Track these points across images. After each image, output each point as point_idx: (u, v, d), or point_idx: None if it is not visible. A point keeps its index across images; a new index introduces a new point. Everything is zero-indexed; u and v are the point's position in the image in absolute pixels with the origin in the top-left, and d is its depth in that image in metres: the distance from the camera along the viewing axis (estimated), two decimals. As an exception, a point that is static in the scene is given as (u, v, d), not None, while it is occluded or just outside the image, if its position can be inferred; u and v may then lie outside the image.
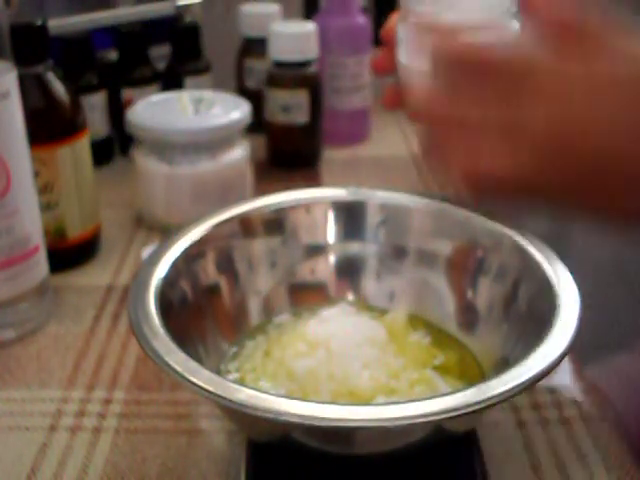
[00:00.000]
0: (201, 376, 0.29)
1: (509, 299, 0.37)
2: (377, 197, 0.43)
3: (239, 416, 0.32)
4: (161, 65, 0.72)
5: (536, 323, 0.33)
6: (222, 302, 0.39)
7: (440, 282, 0.41)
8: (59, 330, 0.46)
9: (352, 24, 0.71)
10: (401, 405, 0.27)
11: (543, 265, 0.36)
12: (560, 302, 0.33)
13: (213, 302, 0.39)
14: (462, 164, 0.32)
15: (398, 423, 0.26)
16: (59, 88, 0.49)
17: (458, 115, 0.32)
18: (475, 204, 0.40)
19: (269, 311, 0.41)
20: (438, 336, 0.39)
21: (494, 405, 0.27)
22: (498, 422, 0.38)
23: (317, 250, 0.43)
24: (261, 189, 0.60)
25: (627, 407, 0.59)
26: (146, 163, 0.56)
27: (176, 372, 0.29)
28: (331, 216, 0.43)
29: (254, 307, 0.41)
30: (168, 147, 0.55)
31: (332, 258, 0.43)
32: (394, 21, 0.39)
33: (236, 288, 0.40)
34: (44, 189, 0.49)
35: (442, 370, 0.36)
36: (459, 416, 0.27)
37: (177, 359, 0.30)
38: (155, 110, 0.57)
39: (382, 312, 0.40)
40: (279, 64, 0.66)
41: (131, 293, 0.34)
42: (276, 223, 0.42)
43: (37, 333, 0.46)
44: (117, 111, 0.68)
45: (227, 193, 0.56)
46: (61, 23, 0.65)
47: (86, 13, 0.69)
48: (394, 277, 0.42)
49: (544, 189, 0.31)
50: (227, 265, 0.40)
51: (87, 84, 0.66)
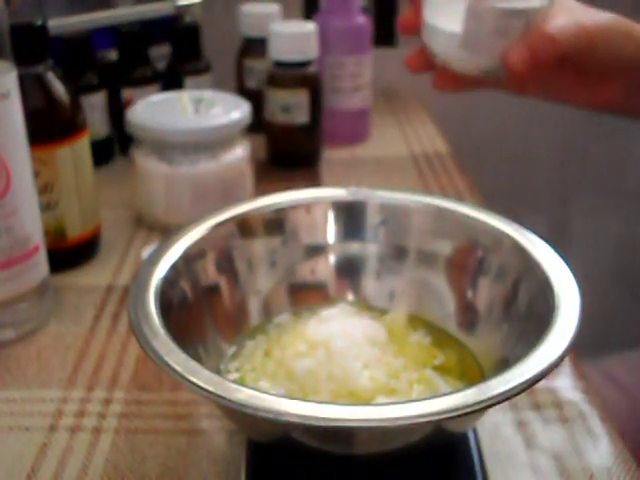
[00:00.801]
0: (201, 376, 0.29)
1: (509, 299, 0.37)
2: (377, 197, 0.43)
3: (239, 416, 0.32)
4: (161, 65, 0.72)
5: (536, 323, 0.33)
6: (222, 302, 0.39)
7: (440, 282, 0.41)
8: (59, 330, 0.46)
9: (352, 24, 0.71)
10: (401, 405, 0.27)
11: (543, 265, 0.35)
12: (560, 302, 0.33)
13: (213, 302, 0.39)
14: None
15: (398, 423, 0.26)
16: (59, 88, 0.49)
17: None
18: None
19: (269, 311, 0.41)
20: (438, 336, 0.39)
21: (494, 405, 0.27)
22: (498, 422, 0.38)
23: (317, 250, 0.43)
24: (261, 189, 0.60)
25: (618, 410, 0.59)
26: (146, 163, 0.56)
27: (176, 372, 0.29)
28: (331, 216, 0.43)
29: (254, 307, 0.41)
30: (168, 147, 0.55)
31: (332, 258, 0.43)
32: None
33: (236, 288, 0.40)
34: (44, 189, 0.49)
35: (442, 370, 0.36)
36: (459, 416, 0.27)
37: (177, 359, 0.30)
38: (155, 110, 0.57)
39: (382, 312, 0.40)
40: (279, 64, 0.66)
41: (131, 293, 0.34)
42: (276, 223, 0.42)
43: (37, 333, 0.46)
44: (117, 111, 0.68)
45: (227, 193, 0.56)
46: (61, 23, 0.65)
47: (86, 13, 0.69)
48: (394, 277, 0.42)
49: None
50: (227, 265, 0.40)
51: (87, 84, 0.66)
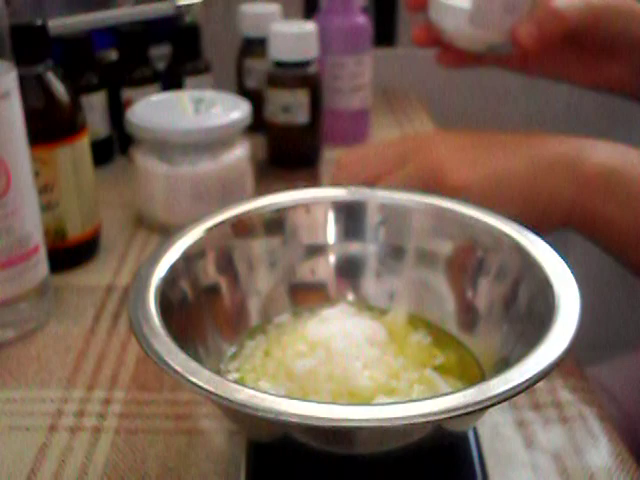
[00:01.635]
0: (201, 376, 0.29)
1: (509, 299, 0.37)
2: (377, 197, 0.43)
3: (239, 416, 0.32)
4: (161, 65, 0.72)
5: (536, 323, 0.33)
6: (222, 302, 0.39)
7: (440, 282, 0.41)
8: (59, 330, 0.46)
9: (352, 24, 0.71)
10: (401, 405, 0.27)
11: (543, 265, 0.35)
12: (560, 302, 0.33)
13: (213, 302, 0.39)
14: None
15: (398, 423, 0.26)
16: (59, 88, 0.49)
17: None
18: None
19: (269, 311, 0.41)
20: (438, 336, 0.39)
21: (494, 405, 0.27)
22: (498, 422, 0.38)
23: (317, 250, 0.43)
24: (261, 189, 0.60)
25: (635, 408, 0.59)
26: (146, 163, 0.56)
27: (176, 372, 0.29)
28: (331, 216, 0.43)
29: (254, 307, 0.41)
30: (168, 147, 0.55)
31: (332, 258, 0.43)
32: None
33: (236, 288, 0.40)
34: (44, 189, 0.49)
35: (442, 370, 0.36)
36: (459, 416, 0.27)
37: (177, 359, 0.30)
38: (155, 110, 0.57)
39: (382, 312, 0.40)
40: (279, 64, 0.66)
41: (131, 293, 0.34)
42: (276, 223, 0.42)
43: (37, 333, 0.46)
44: (117, 111, 0.68)
45: (227, 193, 0.56)
46: (61, 23, 0.65)
47: (86, 13, 0.69)
48: (394, 277, 0.42)
49: None
50: (227, 265, 0.40)
51: (87, 84, 0.66)
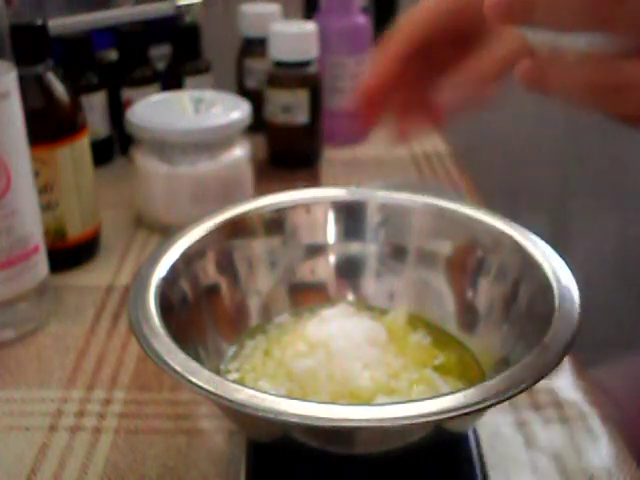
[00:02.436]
0: (201, 376, 0.29)
1: (509, 299, 0.37)
2: (377, 197, 0.43)
3: (239, 416, 0.32)
4: (161, 65, 0.72)
5: (536, 323, 0.33)
6: (222, 302, 0.39)
7: (440, 282, 0.41)
8: (59, 330, 0.46)
9: (352, 24, 0.71)
10: (401, 405, 0.27)
11: (543, 265, 0.35)
12: (560, 302, 0.33)
13: (213, 302, 0.39)
14: None
15: (398, 423, 0.26)
16: (59, 88, 0.49)
17: None
18: None
19: (269, 311, 0.41)
20: (438, 336, 0.39)
21: (494, 405, 0.27)
22: (498, 422, 0.38)
23: (317, 250, 0.43)
24: (261, 189, 0.60)
25: (635, 409, 0.59)
26: (146, 163, 0.56)
27: (176, 372, 0.29)
28: (331, 216, 0.43)
29: (254, 307, 0.41)
30: (168, 147, 0.55)
31: (332, 258, 0.43)
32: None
33: (236, 288, 0.40)
34: (44, 189, 0.49)
35: (442, 370, 0.36)
36: (459, 416, 0.27)
37: (177, 359, 0.30)
38: (155, 110, 0.57)
39: (382, 312, 0.40)
40: (279, 64, 0.66)
41: (131, 293, 0.34)
42: (276, 223, 0.42)
43: (37, 333, 0.46)
44: (117, 111, 0.68)
45: (227, 193, 0.56)
46: (61, 23, 0.65)
47: (86, 13, 0.69)
48: (394, 277, 0.42)
49: None
50: (227, 265, 0.40)
51: (87, 84, 0.66)
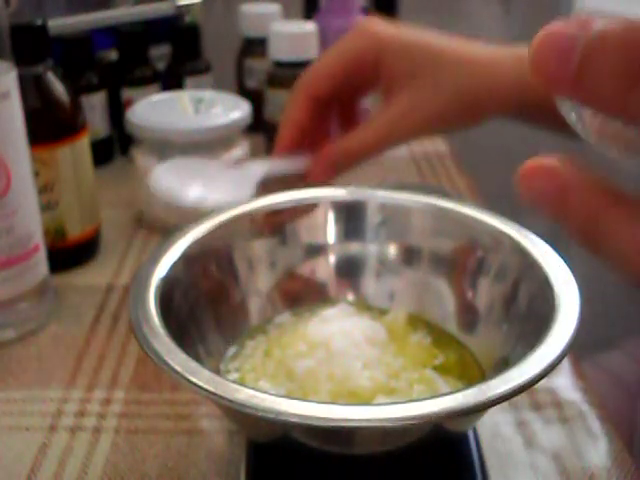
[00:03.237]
0: (201, 376, 0.29)
1: (509, 299, 0.37)
2: (377, 197, 0.43)
3: (239, 416, 0.32)
4: (161, 65, 0.72)
5: (536, 323, 0.33)
6: (222, 302, 0.39)
7: (440, 282, 0.41)
8: (59, 330, 0.46)
9: (352, 24, 0.71)
10: (401, 405, 0.27)
11: (543, 265, 0.35)
12: (560, 302, 0.33)
13: (213, 302, 0.39)
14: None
15: (398, 423, 0.26)
16: (59, 88, 0.49)
17: None
18: None
19: (269, 311, 0.41)
20: (438, 336, 0.39)
21: (494, 405, 0.27)
22: (498, 422, 0.38)
23: (317, 250, 0.43)
24: (261, 189, 0.60)
25: (617, 406, 0.59)
26: (146, 163, 0.56)
27: (176, 372, 0.29)
28: (331, 216, 0.43)
29: (254, 307, 0.41)
30: (168, 147, 0.55)
31: (332, 258, 0.43)
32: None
33: (236, 288, 0.40)
34: (44, 189, 0.49)
35: (442, 370, 0.36)
36: (459, 416, 0.27)
37: (177, 359, 0.30)
38: (155, 110, 0.57)
39: (382, 312, 0.40)
40: (279, 64, 0.66)
41: (131, 293, 0.34)
42: (276, 223, 0.42)
43: (37, 333, 0.46)
44: (117, 111, 0.68)
45: (227, 193, 0.56)
46: (61, 23, 0.65)
47: (86, 13, 0.69)
48: (394, 277, 0.42)
49: None
50: (227, 265, 0.40)
51: (87, 84, 0.66)
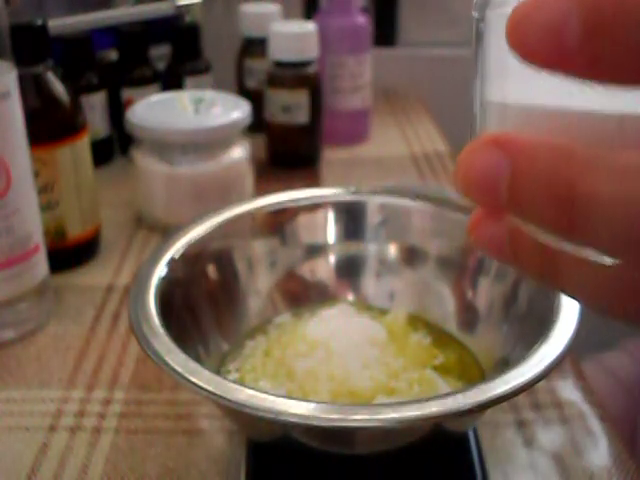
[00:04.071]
0: (201, 376, 0.29)
1: (509, 299, 0.37)
2: (377, 197, 0.43)
3: (239, 416, 0.32)
4: (161, 65, 0.72)
5: (536, 323, 0.33)
6: (222, 302, 0.39)
7: (440, 282, 0.41)
8: (59, 330, 0.46)
9: (352, 24, 0.71)
10: (401, 405, 0.27)
11: (543, 265, 0.35)
12: (560, 302, 0.33)
13: (213, 302, 0.39)
14: None
15: (398, 423, 0.26)
16: (59, 88, 0.49)
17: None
18: None
19: (269, 311, 0.41)
20: (438, 336, 0.39)
21: (494, 405, 0.27)
22: (498, 422, 0.38)
23: (317, 250, 0.43)
24: (261, 189, 0.60)
25: (618, 406, 0.59)
26: (146, 163, 0.56)
27: (176, 372, 0.29)
28: (331, 216, 0.43)
29: (254, 307, 0.41)
30: (168, 147, 0.55)
31: (332, 258, 0.43)
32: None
33: (236, 288, 0.40)
34: (44, 189, 0.49)
35: (442, 370, 0.36)
36: (459, 416, 0.27)
37: (177, 359, 0.30)
38: (155, 110, 0.57)
39: (382, 312, 0.40)
40: (279, 64, 0.66)
41: (131, 293, 0.34)
42: (276, 223, 0.42)
43: (37, 333, 0.46)
44: (117, 111, 0.68)
45: (227, 193, 0.56)
46: (61, 23, 0.65)
47: (86, 13, 0.69)
48: (394, 277, 0.42)
49: None
50: (227, 265, 0.40)
51: (87, 84, 0.66)
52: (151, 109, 0.57)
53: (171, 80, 0.70)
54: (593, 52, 0.16)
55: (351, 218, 0.43)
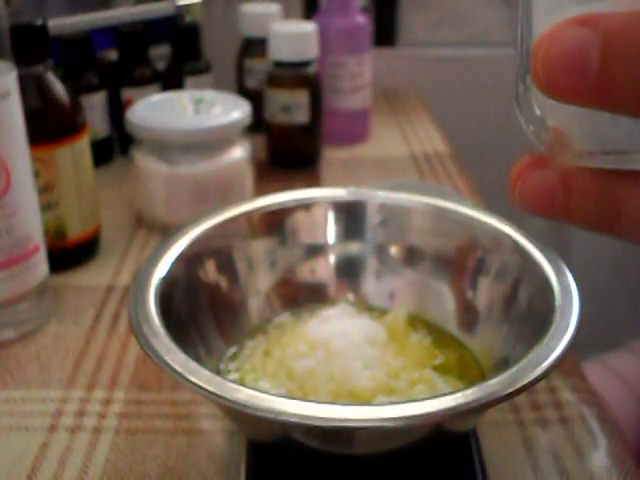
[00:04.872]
0: (201, 376, 0.29)
1: (509, 299, 0.37)
2: (377, 197, 0.43)
3: (239, 416, 0.32)
4: (161, 65, 0.72)
5: (536, 323, 0.33)
6: (222, 302, 0.39)
7: (440, 282, 0.41)
8: (59, 330, 0.46)
9: (352, 24, 0.71)
10: (401, 405, 0.27)
11: (543, 265, 0.35)
12: (560, 302, 0.33)
13: (213, 302, 0.39)
14: None
15: (398, 423, 0.26)
16: (59, 88, 0.49)
17: None
18: None
19: (269, 311, 0.41)
20: (438, 336, 0.39)
21: (494, 405, 0.27)
22: (498, 422, 0.38)
23: (317, 250, 0.43)
24: (261, 189, 0.60)
25: (622, 408, 0.59)
26: (146, 163, 0.56)
27: (176, 372, 0.29)
28: (331, 216, 0.43)
29: (254, 307, 0.41)
30: (168, 147, 0.55)
31: (332, 258, 0.43)
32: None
33: (236, 288, 0.40)
34: (44, 189, 0.49)
35: (442, 370, 0.36)
36: (459, 416, 0.27)
37: (177, 359, 0.30)
38: (155, 110, 0.57)
39: (382, 312, 0.40)
40: (279, 64, 0.66)
41: (131, 293, 0.34)
42: (276, 223, 0.42)
43: (37, 333, 0.46)
44: (117, 111, 0.68)
45: (227, 193, 0.56)
46: (61, 23, 0.65)
47: (86, 13, 0.69)
48: (394, 277, 0.42)
49: None
50: (227, 265, 0.40)
51: (87, 84, 0.66)
52: (151, 109, 0.57)
53: (171, 80, 0.70)
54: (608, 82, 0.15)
55: (351, 218, 0.43)
